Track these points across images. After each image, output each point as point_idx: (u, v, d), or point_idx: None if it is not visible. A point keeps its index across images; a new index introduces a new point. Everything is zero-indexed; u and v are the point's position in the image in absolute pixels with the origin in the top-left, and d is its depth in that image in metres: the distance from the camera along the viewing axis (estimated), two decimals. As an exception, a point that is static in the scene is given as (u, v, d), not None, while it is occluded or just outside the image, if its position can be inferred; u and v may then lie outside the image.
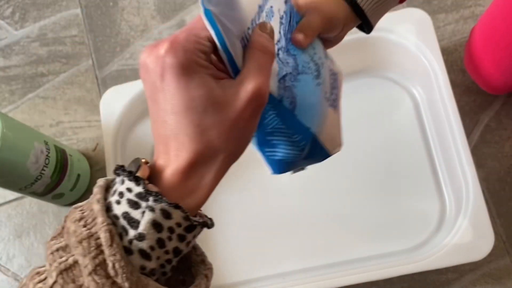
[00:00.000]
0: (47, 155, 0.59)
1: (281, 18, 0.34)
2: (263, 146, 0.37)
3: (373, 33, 0.58)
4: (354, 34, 0.59)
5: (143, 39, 0.74)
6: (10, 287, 0.67)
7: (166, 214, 0.25)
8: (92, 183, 0.69)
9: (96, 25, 0.76)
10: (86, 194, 0.68)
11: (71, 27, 0.77)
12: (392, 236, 0.58)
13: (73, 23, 0.77)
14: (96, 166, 0.70)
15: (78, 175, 0.66)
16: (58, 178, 0.62)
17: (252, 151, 0.67)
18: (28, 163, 0.56)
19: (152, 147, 0.67)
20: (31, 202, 0.70)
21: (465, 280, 0.58)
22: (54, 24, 0.78)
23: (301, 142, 0.35)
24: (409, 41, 0.57)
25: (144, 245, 0.25)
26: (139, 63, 0.27)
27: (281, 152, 0.36)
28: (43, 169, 0.58)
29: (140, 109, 0.63)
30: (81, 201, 0.73)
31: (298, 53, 0.34)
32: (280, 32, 0.33)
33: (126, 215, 0.25)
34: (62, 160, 0.62)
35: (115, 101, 0.62)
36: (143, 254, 0.25)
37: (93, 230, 0.24)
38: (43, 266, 0.27)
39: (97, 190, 0.26)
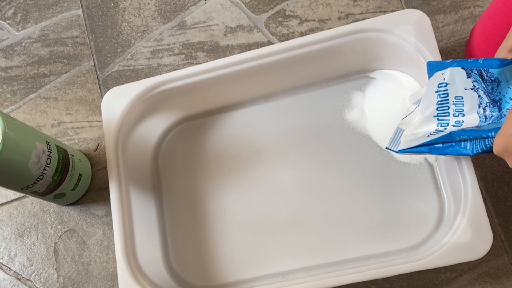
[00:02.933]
0: (48, 155, 0.59)
1: (474, 88, 0.49)
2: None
3: (372, 34, 0.59)
4: (354, 35, 0.59)
5: (144, 40, 0.75)
6: (12, 286, 0.68)
7: None
8: (93, 183, 0.69)
9: (97, 26, 0.77)
10: (87, 193, 0.69)
11: (72, 28, 0.77)
12: (391, 235, 0.59)
13: (74, 24, 0.78)
14: (97, 166, 0.70)
15: (80, 175, 0.66)
16: (59, 178, 0.62)
17: (251, 151, 0.67)
18: (30, 163, 0.56)
19: (153, 147, 0.68)
20: (32, 202, 0.71)
21: (464, 279, 0.58)
22: (55, 25, 0.78)
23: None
24: (408, 42, 0.57)
25: None
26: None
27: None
28: (44, 169, 0.59)
29: (141, 109, 0.63)
30: (82, 201, 0.74)
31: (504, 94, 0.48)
32: (479, 97, 0.49)
33: None
34: (63, 160, 0.62)
35: (116, 101, 0.62)
36: None
37: None
38: None
39: None
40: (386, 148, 0.56)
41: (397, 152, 0.55)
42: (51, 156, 0.59)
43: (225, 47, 0.72)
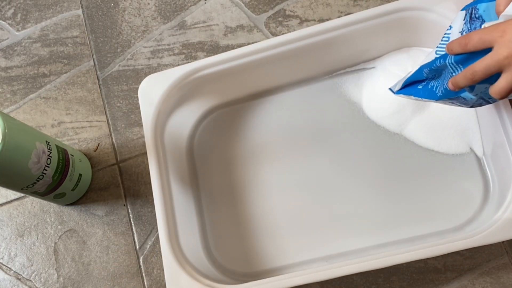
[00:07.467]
0: (48, 155, 0.59)
1: (462, 31, 0.45)
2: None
3: (412, 12, 0.57)
4: (392, 15, 0.58)
5: (144, 40, 0.75)
6: (12, 286, 0.68)
7: None
8: (93, 183, 0.69)
9: (97, 26, 0.77)
10: (87, 194, 0.69)
11: (72, 28, 0.77)
12: (432, 217, 0.58)
13: (74, 24, 0.78)
14: (97, 166, 0.70)
15: (80, 175, 0.66)
16: (59, 178, 0.62)
17: (286, 137, 0.66)
18: (30, 163, 0.56)
19: (188, 134, 0.68)
20: (32, 202, 0.71)
21: (464, 279, 0.58)
22: (55, 25, 0.78)
23: None
24: (449, 20, 0.54)
25: None
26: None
27: None
28: (44, 169, 0.59)
29: (178, 96, 0.63)
30: (82, 201, 0.73)
31: None
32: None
33: None
34: (63, 160, 0.62)
35: (153, 89, 0.61)
36: None
37: None
38: None
39: None
40: (389, 88, 0.54)
41: (394, 93, 0.53)
42: (51, 156, 0.59)
43: (225, 47, 0.72)
